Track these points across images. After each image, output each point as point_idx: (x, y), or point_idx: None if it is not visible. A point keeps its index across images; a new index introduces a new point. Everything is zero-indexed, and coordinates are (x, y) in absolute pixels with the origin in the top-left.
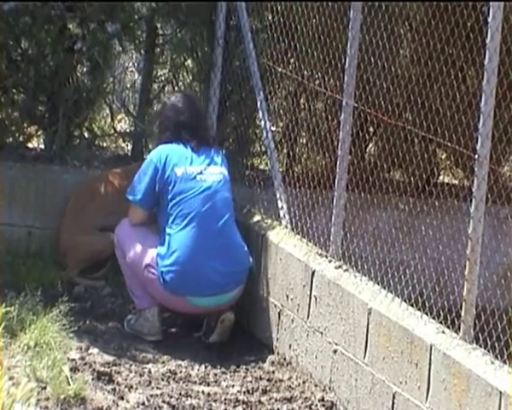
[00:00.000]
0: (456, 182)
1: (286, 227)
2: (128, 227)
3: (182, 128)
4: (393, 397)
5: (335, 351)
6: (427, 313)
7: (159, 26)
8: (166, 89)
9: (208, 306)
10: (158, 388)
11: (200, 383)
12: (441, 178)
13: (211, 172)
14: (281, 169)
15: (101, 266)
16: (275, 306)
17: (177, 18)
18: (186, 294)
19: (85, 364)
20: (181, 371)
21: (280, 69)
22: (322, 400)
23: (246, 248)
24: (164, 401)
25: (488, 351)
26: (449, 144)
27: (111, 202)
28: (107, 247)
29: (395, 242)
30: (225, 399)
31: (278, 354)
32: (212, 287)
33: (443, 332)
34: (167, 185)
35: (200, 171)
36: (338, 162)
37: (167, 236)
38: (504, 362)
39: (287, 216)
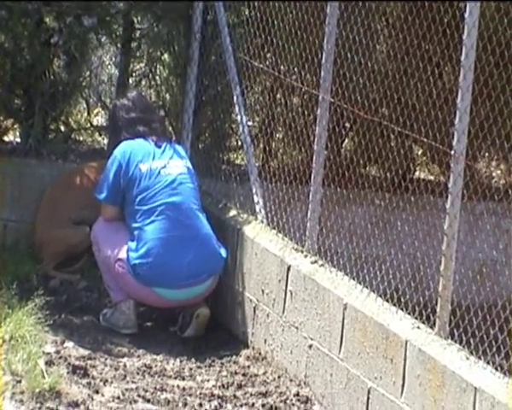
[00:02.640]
0: (432, 178)
1: (262, 222)
2: (102, 223)
3: (136, 124)
4: (368, 392)
5: (311, 346)
6: (402, 309)
7: (135, 20)
8: (143, 83)
9: (181, 299)
10: (133, 382)
11: (176, 378)
12: (417, 173)
13: (174, 165)
14: (257, 164)
15: (77, 259)
16: (250, 301)
17: (154, 12)
18: (158, 285)
19: (60, 358)
20: (156, 366)
21: (256, 64)
22: (298, 395)
23: (215, 239)
24: (139, 395)
25: (463, 347)
26: (425, 140)
27: (86, 196)
28: (83, 240)
29: (371, 237)
30: (200, 393)
31: (253, 348)
32: (183, 278)
33: (418, 328)
34: (132, 181)
35: (163, 165)
36: (314, 157)
37: (136, 230)
38: (479, 358)
39: (262, 211)
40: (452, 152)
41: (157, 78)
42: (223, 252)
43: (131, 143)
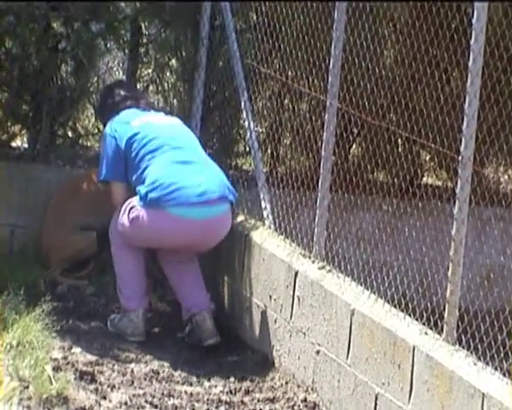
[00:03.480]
0: (440, 183)
1: (269, 227)
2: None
3: (124, 101)
4: (376, 398)
5: (318, 352)
6: (410, 314)
7: (143, 25)
8: (150, 88)
9: (196, 218)
10: (140, 388)
11: (183, 383)
12: (425, 179)
13: (167, 118)
14: (264, 169)
15: (84, 265)
16: (258, 306)
17: (162, 18)
18: (171, 205)
19: (68, 363)
20: (164, 371)
21: (264, 70)
22: (305, 400)
23: (224, 175)
24: (146, 401)
25: (471, 352)
26: (433, 146)
27: (93, 201)
28: (90, 246)
29: (378, 242)
30: (208, 399)
31: (261, 354)
32: (195, 195)
33: (426, 333)
34: (128, 142)
35: (155, 118)
36: (322, 163)
37: (143, 173)
38: (487, 363)
39: (270, 216)
40: (460, 157)
41: (164, 83)
42: (232, 189)
43: (118, 116)
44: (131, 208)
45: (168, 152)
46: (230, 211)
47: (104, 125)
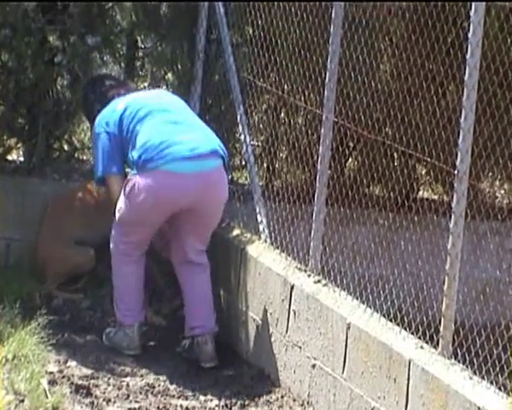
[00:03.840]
0: (436, 197)
1: (265, 241)
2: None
3: (108, 91)
4: None
5: (314, 366)
6: (405, 328)
7: (139, 39)
8: None
9: (191, 171)
10: (136, 401)
11: (179, 397)
12: (421, 193)
13: (152, 90)
14: (260, 183)
15: (79, 278)
16: (253, 320)
17: (158, 31)
18: (165, 162)
19: (63, 377)
20: (159, 385)
21: (260, 83)
22: None
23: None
24: None
25: (467, 366)
26: (428, 159)
27: (89, 215)
28: (88, 262)
29: (374, 256)
30: None
31: (257, 368)
32: (187, 150)
33: (421, 347)
34: (118, 126)
35: (140, 94)
36: (317, 177)
37: (134, 141)
38: (483, 377)
39: (266, 230)
40: (456, 171)
41: None
42: (223, 148)
43: (103, 110)
44: (126, 184)
45: (157, 116)
46: (223, 168)
47: (92, 124)
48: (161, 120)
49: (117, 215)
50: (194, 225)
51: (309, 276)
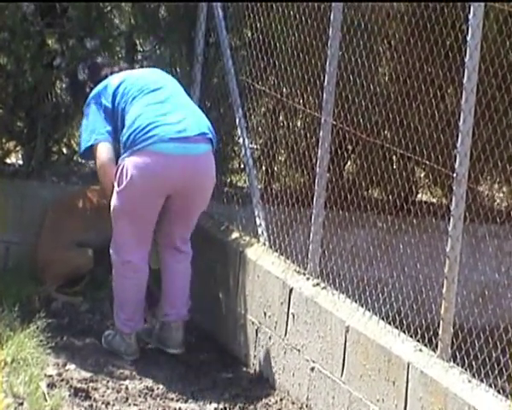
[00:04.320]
0: (435, 200)
1: (264, 244)
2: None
3: (100, 69)
4: None
5: (313, 369)
6: (404, 332)
7: (138, 42)
8: None
9: (178, 153)
10: (135, 404)
11: (178, 400)
12: (419, 196)
13: (146, 69)
14: (259, 186)
15: (78, 280)
16: (252, 323)
17: (157, 34)
18: (152, 142)
19: (62, 380)
20: (158, 388)
21: (259, 86)
22: None
23: (205, 116)
24: None
25: (465, 369)
26: (427, 163)
27: (89, 218)
28: (86, 264)
29: (373, 260)
30: None
31: (255, 371)
32: (175, 132)
33: (420, 350)
34: (114, 98)
35: (134, 71)
36: (316, 180)
37: (123, 120)
38: (481, 380)
39: (265, 233)
40: (454, 175)
41: None
42: (212, 130)
43: (97, 86)
44: (116, 171)
45: (147, 95)
46: (211, 153)
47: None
48: (150, 100)
49: (112, 210)
50: (181, 209)
51: (308, 279)
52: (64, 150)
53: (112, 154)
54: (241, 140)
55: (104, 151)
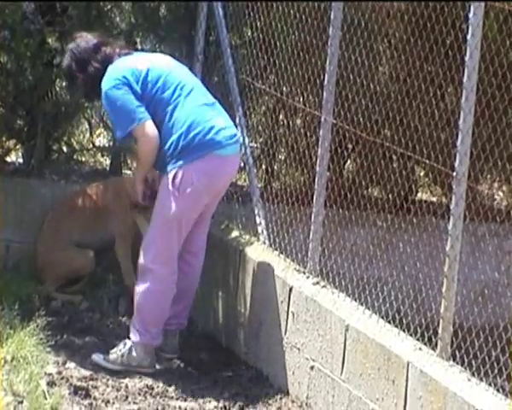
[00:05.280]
0: (435, 199)
1: (264, 243)
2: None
3: (100, 47)
4: None
5: (312, 367)
6: (404, 330)
7: (138, 40)
8: None
9: (230, 154)
10: (135, 403)
11: (178, 399)
12: (419, 195)
13: (165, 59)
14: (259, 185)
15: (77, 280)
16: (252, 321)
17: (157, 33)
18: (218, 148)
19: (62, 378)
20: (158, 387)
21: (259, 85)
22: None
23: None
24: None
25: (465, 368)
26: (427, 161)
27: (89, 219)
28: (87, 265)
29: (373, 258)
30: None
31: (255, 369)
32: (231, 135)
33: (420, 349)
34: (144, 87)
35: (157, 62)
36: (316, 179)
37: (168, 121)
38: (481, 379)
39: (265, 232)
40: (454, 173)
41: None
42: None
43: (111, 69)
44: (174, 178)
45: (190, 95)
46: (240, 160)
47: (86, 85)
48: (197, 101)
49: (163, 217)
50: (210, 208)
51: (307, 277)
52: (64, 149)
53: (156, 130)
54: (241, 139)
55: (154, 129)
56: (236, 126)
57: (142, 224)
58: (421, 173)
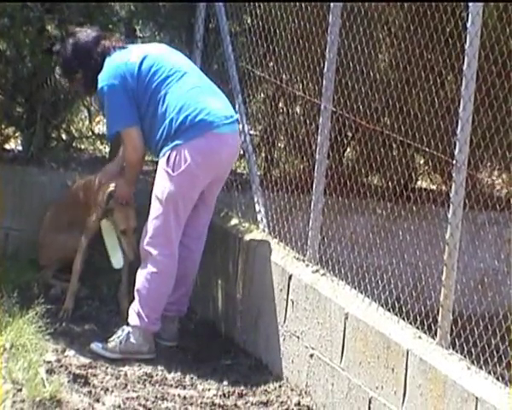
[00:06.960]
0: (434, 187)
1: (263, 231)
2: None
3: (99, 39)
4: (369, 402)
5: (312, 355)
6: (403, 319)
7: (137, 28)
8: None
9: (229, 132)
10: (134, 391)
11: (177, 387)
12: (419, 183)
13: (158, 47)
14: (259, 173)
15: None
16: (251, 309)
17: (156, 20)
18: (215, 126)
19: (61, 366)
20: (157, 375)
21: (258, 73)
22: (299, 404)
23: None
24: (140, 404)
25: (465, 357)
26: (427, 149)
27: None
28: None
29: (372, 246)
30: (201, 402)
31: (254, 358)
32: (228, 115)
33: (419, 337)
34: (138, 79)
35: (151, 50)
36: (316, 166)
37: (164, 104)
38: (481, 367)
39: (264, 220)
40: (454, 162)
41: None
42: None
43: (108, 64)
44: (169, 158)
45: (182, 79)
46: (240, 142)
47: (86, 77)
48: (190, 84)
49: (160, 197)
50: (212, 192)
51: (307, 266)
52: (63, 136)
53: (141, 138)
54: (240, 126)
55: (136, 136)
56: (236, 114)
57: (107, 227)
58: (421, 161)
